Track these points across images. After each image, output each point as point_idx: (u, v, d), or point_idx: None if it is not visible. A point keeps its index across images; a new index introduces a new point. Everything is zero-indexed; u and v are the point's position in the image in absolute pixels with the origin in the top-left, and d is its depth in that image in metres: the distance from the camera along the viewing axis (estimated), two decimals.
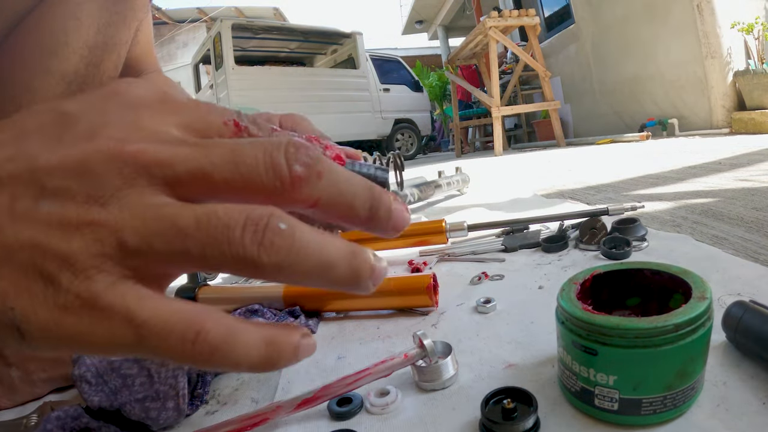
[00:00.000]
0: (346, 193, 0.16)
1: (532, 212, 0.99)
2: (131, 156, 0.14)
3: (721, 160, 1.41)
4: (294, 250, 0.14)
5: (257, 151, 0.15)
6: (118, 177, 0.14)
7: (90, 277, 0.13)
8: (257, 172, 0.14)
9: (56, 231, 0.13)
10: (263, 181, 0.14)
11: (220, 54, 4.94)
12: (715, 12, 2.65)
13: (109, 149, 0.14)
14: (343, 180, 0.16)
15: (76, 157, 0.14)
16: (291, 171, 0.15)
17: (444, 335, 0.45)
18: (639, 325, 0.26)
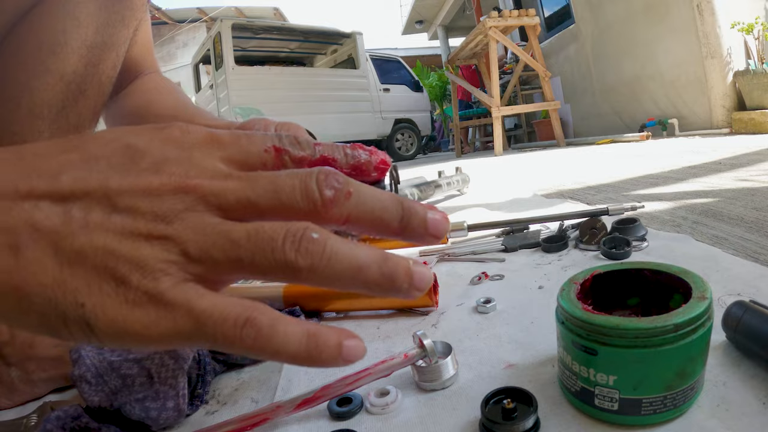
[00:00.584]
0: (375, 208, 0.18)
1: (532, 212, 0.99)
2: (191, 188, 0.17)
3: (721, 160, 1.41)
4: (326, 254, 0.16)
5: (294, 180, 0.17)
6: (180, 203, 0.16)
7: (157, 278, 0.15)
8: (294, 198, 0.17)
9: (128, 240, 0.15)
10: (299, 205, 0.17)
11: (220, 54, 4.94)
12: (715, 12, 2.65)
13: (174, 182, 0.17)
14: (370, 198, 0.18)
15: (144, 185, 0.16)
16: (322, 195, 0.17)
17: (444, 335, 0.45)
18: (639, 325, 0.26)
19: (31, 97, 0.36)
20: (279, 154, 0.20)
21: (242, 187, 0.17)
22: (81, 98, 0.38)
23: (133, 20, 0.41)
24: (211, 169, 0.18)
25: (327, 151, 0.21)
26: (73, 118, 0.38)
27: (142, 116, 0.42)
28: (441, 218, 0.19)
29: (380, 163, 0.23)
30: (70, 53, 0.36)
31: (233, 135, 0.19)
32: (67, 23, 0.36)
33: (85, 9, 0.37)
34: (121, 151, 0.17)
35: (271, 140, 0.20)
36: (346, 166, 0.21)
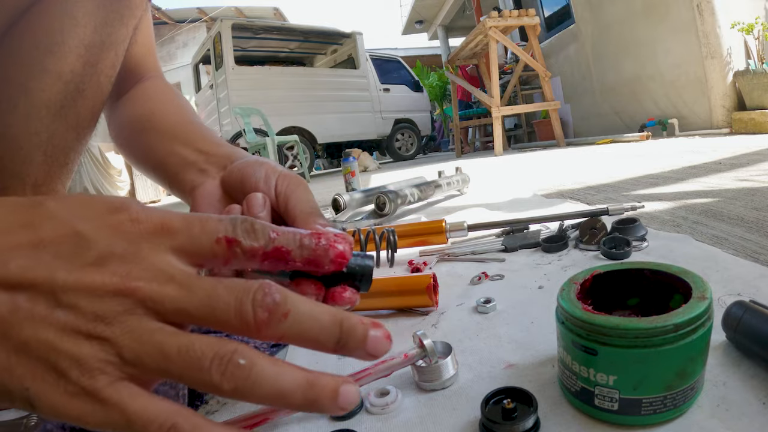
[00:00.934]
0: (311, 329, 0.19)
1: (532, 212, 0.99)
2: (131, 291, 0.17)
3: (721, 160, 1.41)
4: (250, 380, 0.17)
5: (230, 298, 0.18)
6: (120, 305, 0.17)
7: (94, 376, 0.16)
8: (228, 317, 0.18)
9: (69, 337, 0.17)
10: (233, 324, 0.18)
11: (220, 54, 4.94)
12: (715, 12, 2.65)
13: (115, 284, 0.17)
14: (307, 319, 0.19)
15: (87, 284, 0.17)
16: (256, 317, 0.18)
17: (444, 335, 0.45)
18: (639, 325, 0.26)
19: (28, 97, 0.35)
20: (230, 246, 0.20)
21: (180, 296, 0.18)
22: (79, 98, 0.38)
23: (132, 19, 0.40)
24: (154, 268, 0.18)
25: (282, 242, 0.21)
26: (71, 119, 0.38)
27: (144, 128, 0.41)
28: (382, 337, 0.19)
29: (337, 256, 0.22)
30: (68, 52, 0.36)
31: (185, 222, 0.20)
32: (64, 22, 0.35)
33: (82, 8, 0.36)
34: (70, 239, 0.18)
35: (224, 229, 0.20)
36: (300, 259, 0.21)
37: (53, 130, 0.37)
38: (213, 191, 0.34)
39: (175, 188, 0.37)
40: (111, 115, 0.47)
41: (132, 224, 0.19)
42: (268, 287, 0.18)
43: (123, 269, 0.18)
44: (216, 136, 0.39)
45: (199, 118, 0.43)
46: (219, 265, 0.20)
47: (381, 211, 1.18)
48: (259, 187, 0.30)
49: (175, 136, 0.38)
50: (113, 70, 0.40)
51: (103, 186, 6.06)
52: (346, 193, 1.36)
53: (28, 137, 0.36)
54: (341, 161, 2.12)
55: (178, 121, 0.41)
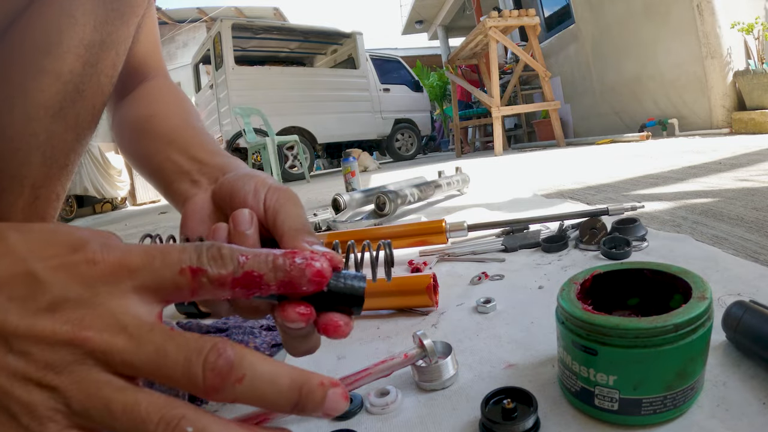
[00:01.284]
0: (267, 395, 0.18)
1: (532, 212, 0.99)
2: (81, 341, 0.17)
3: (721, 160, 1.41)
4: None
5: (179, 356, 0.17)
6: (70, 355, 0.17)
7: (43, 423, 0.17)
8: (175, 376, 0.17)
9: (20, 383, 0.17)
10: (182, 384, 0.18)
11: (220, 54, 4.94)
12: (715, 12, 2.65)
13: (65, 333, 0.17)
14: (264, 383, 0.18)
15: (38, 332, 0.17)
16: (206, 381, 0.17)
17: (444, 335, 0.45)
18: (639, 325, 0.26)
19: (26, 98, 0.35)
20: (195, 276, 0.19)
21: (128, 349, 0.18)
22: (79, 99, 0.37)
23: (133, 17, 0.40)
24: (108, 316, 0.18)
25: (253, 266, 0.20)
26: (71, 120, 0.37)
27: (144, 131, 0.40)
28: (339, 397, 0.19)
29: (314, 275, 0.21)
30: (67, 52, 0.35)
31: (146, 257, 0.19)
32: (62, 21, 0.35)
33: (81, 6, 0.35)
34: (23, 280, 0.18)
35: (188, 258, 0.19)
36: (274, 282, 0.20)
37: (52, 131, 0.36)
38: (203, 205, 0.33)
39: (169, 197, 0.37)
40: (114, 116, 0.47)
41: (88, 266, 0.18)
42: (223, 347, 0.18)
43: (76, 316, 0.18)
44: (214, 143, 0.38)
45: (200, 122, 0.42)
46: (186, 298, 0.20)
47: (381, 211, 1.18)
48: (247, 202, 0.29)
49: (172, 141, 0.37)
50: (114, 70, 0.40)
51: (103, 186, 6.05)
52: (346, 193, 1.36)
53: (26, 138, 0.36)
54: (341, 161, 2.12)
55: (177, 125, 0.40)
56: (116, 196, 6.66)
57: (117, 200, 6.77)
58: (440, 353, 0.37)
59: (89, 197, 6.31)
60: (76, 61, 0.36)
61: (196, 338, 0.18)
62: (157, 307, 0.20)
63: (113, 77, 0.40)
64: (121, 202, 6.90)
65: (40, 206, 0.38)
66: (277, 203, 0.29)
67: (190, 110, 0.43)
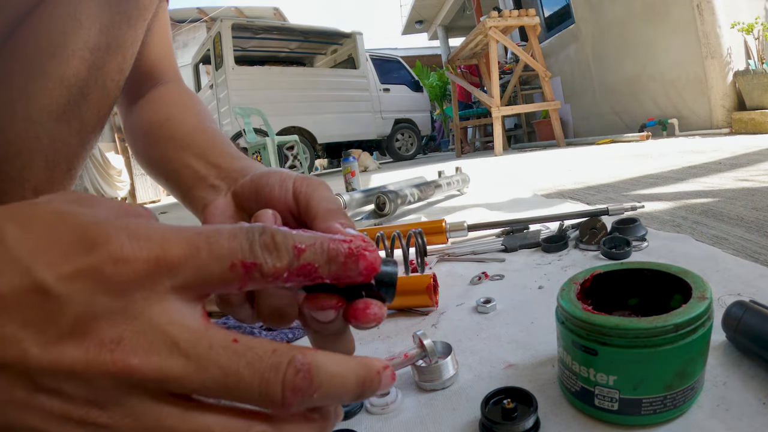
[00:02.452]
0: (336, 396, 0.17)
1: (532, 212, 0.99)
2: (126, 374, 0.14)
3: (721, 160, 1.41)
4: None
5: (253, 378, 0.15)
6: (114, 388, 0.14)
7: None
8: (250, 398, 0.15)
9: (59, 423, 0.14)
10: (255, 400, 0.15)
11: (220, 54, 4.94)
12: (715, 12, 2.65)
13: (102, 364, 0.14)
14: (336, 388, 0.17)
15: (67, 366, 0.14)
16: (285, 399, 0.15)
17: (444, 335, 0.45)
18: (639, 325, 0.26)
19: (29, 101, 0.34)
20: (248, 272, 0.16)
21: (188, 373, 0.15)
22: (83, 103, 0.37)
23: (140, 21, 0.39)
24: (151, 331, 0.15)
25: (309, 257, 0.18)
26: (75, 124, 0.37)
27: (158, 136, 0.39)
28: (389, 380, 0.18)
29: (366, 268, 0.20)
30: (71, 56, 0.35)
31: (189, 248, 0.16)
32: (67, 24, 0.35)
33: (87, 9, 0.35)
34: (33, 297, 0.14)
35: (240, 250, 0.16)
36: (329, 275, 0.19)
37: (55, 134, 0.36)
38: (224, 209, 0.32)
39: (188, 203, 0.36)
40: (126, 120, 0.46)
41: (115, 267, 0.15)
42: (301, 362, 0.16)
43: (111, 337, 0.14)
44: (230, 146, 0.37)
45: (214, 124, 0.41)
46: (232, 292, 0.17)
47: (381, 211, 1.18)
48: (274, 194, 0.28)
49: (188, 145, 0.37)
50: (121, 74, 0.39)
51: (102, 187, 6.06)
52: (346, 193, 1.36)
53: (28, 141, 0.35)
54: (341, 161, 2.11)
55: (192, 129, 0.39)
56: (116, 196, 6.67)
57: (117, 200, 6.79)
58: (440, 353, 0.37)
59: None
60: (81, 65, 0.36)
61: (268, 352, 0.16)
62: (199, 305, 0.17)
63: (120, 81, 0.39)
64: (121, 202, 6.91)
65: None
66: (309, 188, 0.28)
67: (204, 113, 0.42)
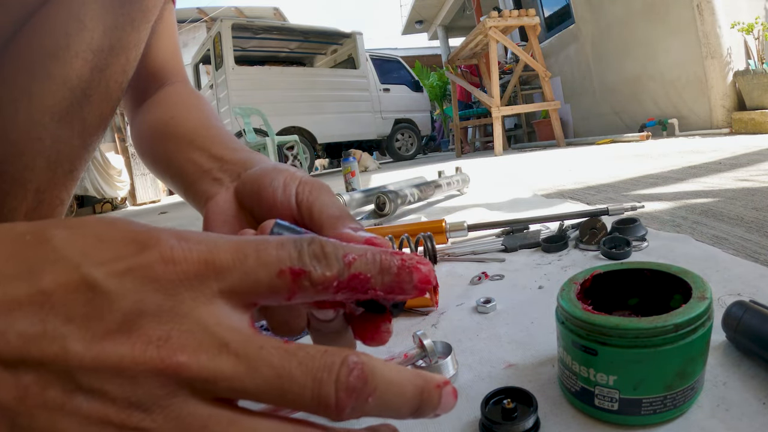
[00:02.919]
0: (393, 406, 0.16)
1: (532, 212, 0.99)
2: (175, 371, 0.14)
3: (721, 160, 1.41)
4: None
5: (306, 379, 0.15)
6: (160, 388, 0.14)
7: None
8: (302, 401, 0.15)
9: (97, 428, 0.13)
10: (307, 407, 0.15)
11: (220, 54, 4.94)
12: (715, 12, 2.65)
13: (150, 361, 0.14)
14: (393, 395, 0.16)
15: (113, 362, 0.13)
16: (339, 402, 0.15)
17: (444, 335, 0.45)
18: (639, 325, 0.26)
19: (31, 102, 0.34)
20: (297, 279, 0.16)
21: (238, 374, 0.14)
22: (86, 104, 0.37)
23: (144, 23, 0.39)
24: (200, 330, 0.14)
25: (360, 267, 0.17)
26: (77, 125, 0.37)
27: (163, 134, 0.39)
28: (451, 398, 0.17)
29: (420, 281, 0.18)
30: (74, 57, 0.35)
31: (237, 254, 0.16)
32: (70, 26, 0.34)
33: (90, 11, 0.35)
34: (82, 292, 0.14)
35: (288, 257, 0.16)
36: (381, 286, 0.18)
37: (57, 136, 0.36)
38: (226, 205, 0.31)
39: (191, 199, 0.35)
40: (133, 121, 0.46)
41: (166, 267, 0.15)
42: (354, 362, 0.15)
43: (158, 334, 0.14)
44: (235, 140, 0.37)
45: (220, 122, 0.40)
46: (280, 302, 0.17)
47: (381, 211, 1.18)
48: (277, 197, 0.28)
49: (192, 141, 0.36)
50: (124, 76, 0.39)
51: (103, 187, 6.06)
52: (346, 193, 1.36)
53: (30, 143, 0.35)
54: (341, 161, 2.12)
55: (196, 125, 0.39)
56: (116, 196, 6.66)
57: (117, 200, 6.77)
58: (440, 353, 0.37)
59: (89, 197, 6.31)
60: (84, 66, 0.36)
61: (320, 352, 0.15)
62: (248, 314, 0.16)
63: (123, 83, 0.39)
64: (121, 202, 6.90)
65: (44, 211, 0.38)
66: (311, 195, 0.27)
67: (210, 112, 0.42)
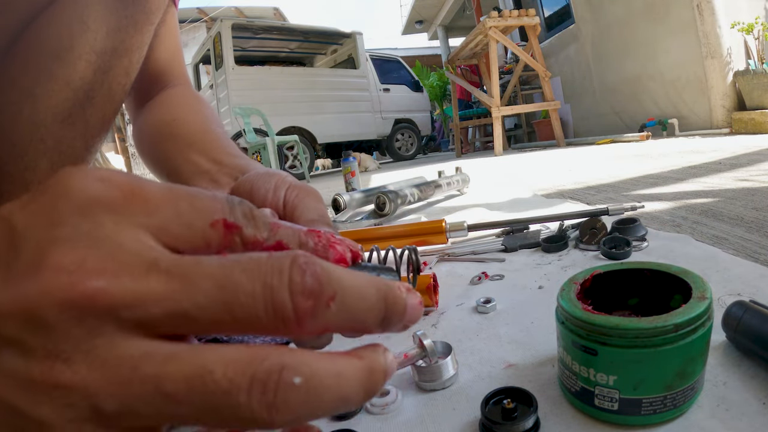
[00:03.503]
0: (358, 313, 0.14)
1: (532, 212, 0.99)
2: (89, 300, 0.11)
3: (721, 160, 1.41)
4: (310, 402, 0.12)
5: (254, 284, 0.12)
6: (77, 327, 0.11)
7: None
8: (255, 314, 0.12)
9: (24, 392, 0.11)
10: (263, 323, 0.13)
11: (220, 54, 4.94)
12: (715, 12, 2.65)
13: (61, 289, 0.11)
14: (355, 300, 0.14)
15: (23, 302, 0.11)
16: (296, 308, 0.13)
17: (444, 335, 0.45)
18: (639, 325, 0.26)
19: (34, 104, 0.34)
20: (229, 232, 0.15)
21: (173, 292, 0.12)
22: (89, 106, 0.37)
23: (147, 25, 0.39)
24: (124, 252, 0.12)
25: (283, 236, 0.17)
26: (80, 127, 0.37)
27: (164, 135, 0.40)
28: (417, 305, 0.16)
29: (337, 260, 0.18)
30: (77, 59, 0.35)
31: (169, 193, 0.14)
32: (73, 27, 0.35)
33: (94, 13, 0.35)
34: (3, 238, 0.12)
35: (221, 210, 0.15)
36: None
37: (60, 137, 0.36)
38: None
39: None
40: (134, 122, 0.47)
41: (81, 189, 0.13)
42: (305, 261, 0.13)
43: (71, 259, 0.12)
44: (234, 147, 0.38)
45: (221, 128, 0.41)
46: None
47: (381, 211, 1.18)
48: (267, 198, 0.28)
49: (192, 143, 0.37)
50: (127, 78, 0.39)
51: None
52: (346, 193, 1.36)
53: (33, 144, 0.35)
54: (341, 161, 2.12)
55: (197, 129, 0.39)
56: None
57: None
58: (440, 353, 0.37)
59: None
60: (87, 68, 0.36)
61: (263, 256, 0.13)
62: None
63: (126, 85, 0.39)
64: None
65: None
66: (297, 198, 0.27)
67: (211, 116, 0.43)
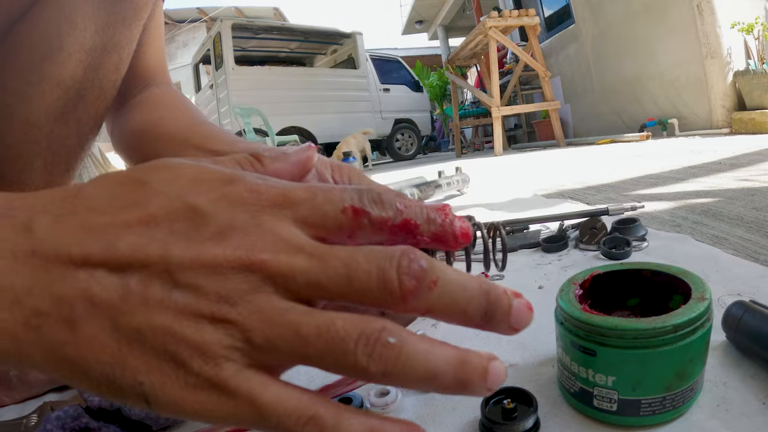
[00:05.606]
0: (460, 300, 0.17)
1: (532, 212, 0.99)
2: (258, 266, 0.16)
3: (721, 160, 1.41)
4: (400, 362, 0.15)
5: (371, 266, 0.16)
6: (246, 283, 0.15)
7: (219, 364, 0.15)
8: (369, 288, 0.16)
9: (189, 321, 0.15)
10: (375, 295, 0.16)
11: (220, 54, 4.94)
12: (715, 12, 2.65)
13: (239, 258, 0.15)
14: (456, 288, 0.17)
15: (208, 260, 0.15)
16: (402, 286, 0.16)
17: (444, 335, 0.45)
18: (638, 326, 0.26)
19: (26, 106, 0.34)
20: (357, 217, 0.18)
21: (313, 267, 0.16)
22: (81, 104, 0.37)
23: (136, 20, 0.39)
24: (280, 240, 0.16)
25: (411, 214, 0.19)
26: (72, 125, 0.37)
27: (151, 134, 0.39)
28: (525, 308, 0.18)
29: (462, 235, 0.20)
30: (67, 58, 0.35)
31: (308, 192, 0.18)
32: (62, 26, 0.34)
33: (81, 10, 0.35)
34: (184, 214, 0.16)
35: (350, 198, 0.18)
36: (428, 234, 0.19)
37: (53, 137, 0.36)
38: None
39: None
40: (114, 122, 0.45)
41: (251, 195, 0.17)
42: (413, 252, 0.16)
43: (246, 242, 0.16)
44: (229, 134, 0.37)
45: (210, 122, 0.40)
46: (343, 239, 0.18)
47: None
48: None
49: (186, 139, 0.37)
50: (117, 74, 0.39)
51: None
52: None
53: (27, 145, 0.35)
54: (341, 161, 2.12)
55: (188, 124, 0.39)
56: None
57: None
58: None
59: None
60: (78, 66, 0.36)
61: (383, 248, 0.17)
62: None
63: (117, 81, 0.39)
64: None
65: None
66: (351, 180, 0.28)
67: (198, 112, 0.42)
